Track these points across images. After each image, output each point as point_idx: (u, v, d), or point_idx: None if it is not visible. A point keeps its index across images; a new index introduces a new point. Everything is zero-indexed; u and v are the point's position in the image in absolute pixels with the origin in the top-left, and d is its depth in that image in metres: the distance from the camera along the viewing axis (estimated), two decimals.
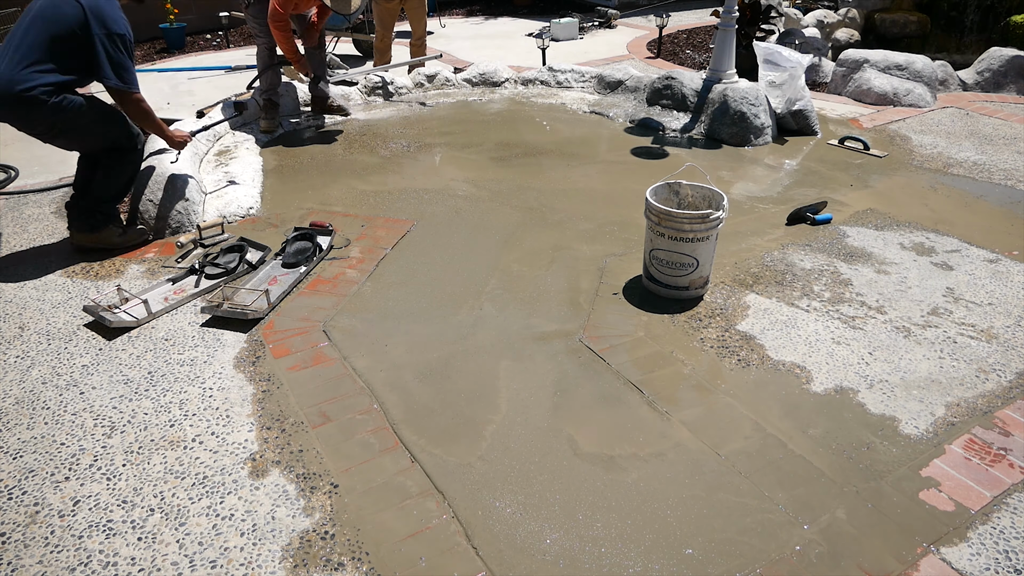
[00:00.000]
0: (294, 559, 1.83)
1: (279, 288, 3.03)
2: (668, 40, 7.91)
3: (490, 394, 2.42)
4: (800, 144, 4.74)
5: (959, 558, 1.81)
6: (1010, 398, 2.38)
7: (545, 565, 1.81)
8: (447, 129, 5.09)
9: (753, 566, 1.79)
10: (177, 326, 2.84)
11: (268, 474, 2.10)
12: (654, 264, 2.92)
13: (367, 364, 2.58)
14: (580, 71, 6.06)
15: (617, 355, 2.61)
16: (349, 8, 4.42)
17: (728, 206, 2.87)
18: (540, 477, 2.08)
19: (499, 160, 4.51)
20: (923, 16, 7.20)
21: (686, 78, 5.24)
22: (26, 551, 1.88)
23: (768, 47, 4.99)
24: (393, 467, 2.12)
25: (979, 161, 4.37)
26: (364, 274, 3.18)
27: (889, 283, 3.06)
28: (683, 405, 2.36)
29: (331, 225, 3.49)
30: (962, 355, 2.59)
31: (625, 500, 2.00)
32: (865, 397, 2.39)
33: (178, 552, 1.86)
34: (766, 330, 2.75)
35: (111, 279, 3.19)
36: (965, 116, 5.22)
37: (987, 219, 3.62)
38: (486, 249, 3.39)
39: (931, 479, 2.06)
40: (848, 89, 5.74)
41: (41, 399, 2.44)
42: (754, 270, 3.18)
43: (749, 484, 2.04)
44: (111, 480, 2.10)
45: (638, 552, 1.84)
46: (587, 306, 2.92)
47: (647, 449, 2.18)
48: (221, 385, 2.49)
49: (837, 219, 3.63)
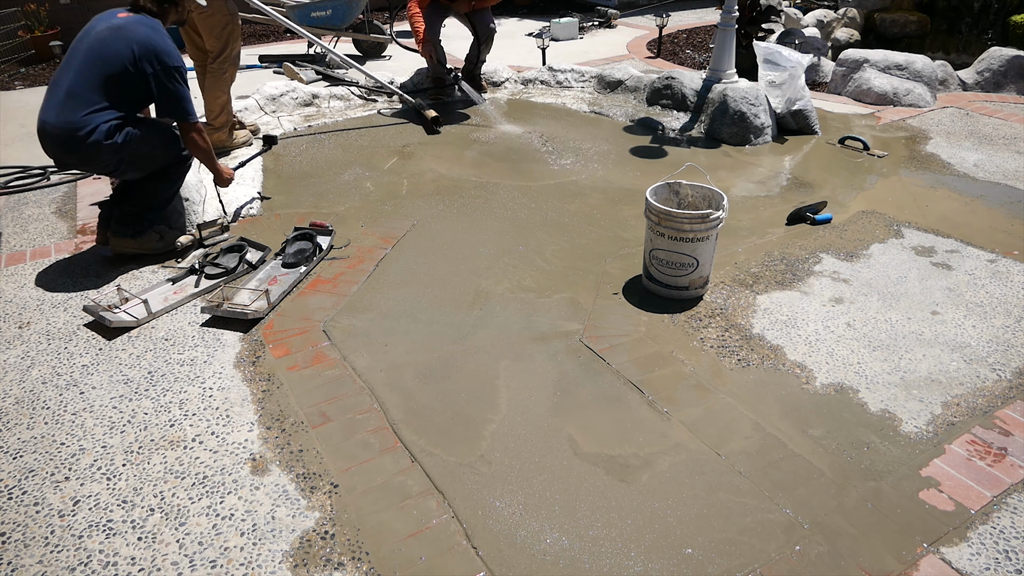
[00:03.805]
0: (294, 559, 1.83)
1: (279, 288, 3.03)
2: (668, 40, 7.91)
3: (490, 394, 2.42)
4: (800, 144, 4.74)
5: (959, 558, 1.81)
6: (1010, 398, 2.38)
7: (545, 565, 1.81)
8: (447, 129, 5.09)
9: (753, 566, 1.79)
10: (177, 326, 2.84)
11: (268, 474, 2.10)
12: (654, 264, 2.92)
13: (367, 364, 2.58)
14: (580, 71, 6.06)
15: (617, 355, 2.61)
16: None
17: (728, 206, 2.87)
18: (540, 477, 2.08)
19: (499, 160, 4.51)
20: (923, 16, 7.19)
21: (686, 78, 5.24)
22: (26, 551, 1.88)
23: (768, 47, 4.99)
24: (393, 467, 2.12)
25: (979, 161, 4.37)
26: (364, 274, 3.18)
27: (889, 283, 3.06)
28: (683, 405, 2.36)
29: (331, 225, 3.49)
30: (962, 355, 2.59)
31: (625, 500, 2.00)
32: (865, 397, 2.39)
33: (178, 552, 1.86)
34: (766, 330, 2.75)
35: (111, 279, 3.19)
36: (965, 116, 5.22)
37: (987, 219, 3.62)
38: (485, 249, 3.39)
39: (931, 479, 2.06)
40: (848, 89, 5.74)
41: (41, 399, 2.44)
42: (754, 270, 3.18)
43: (749, 484, 2.04)
44: (111, 480, 2.10)
45: (638, 552, 1.84)
46: (587, 306, 2.92)
47: (647, 449, 2.18)
48: (221, 385, 2.49)
49: (837, 219, 3.63)
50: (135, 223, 3.26)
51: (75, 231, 3.64)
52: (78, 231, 3.64)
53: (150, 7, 3.11)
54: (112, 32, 2.98)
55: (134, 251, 3.29)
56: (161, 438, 2.26)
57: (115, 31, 2.98)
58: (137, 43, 2.95)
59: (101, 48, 2.95)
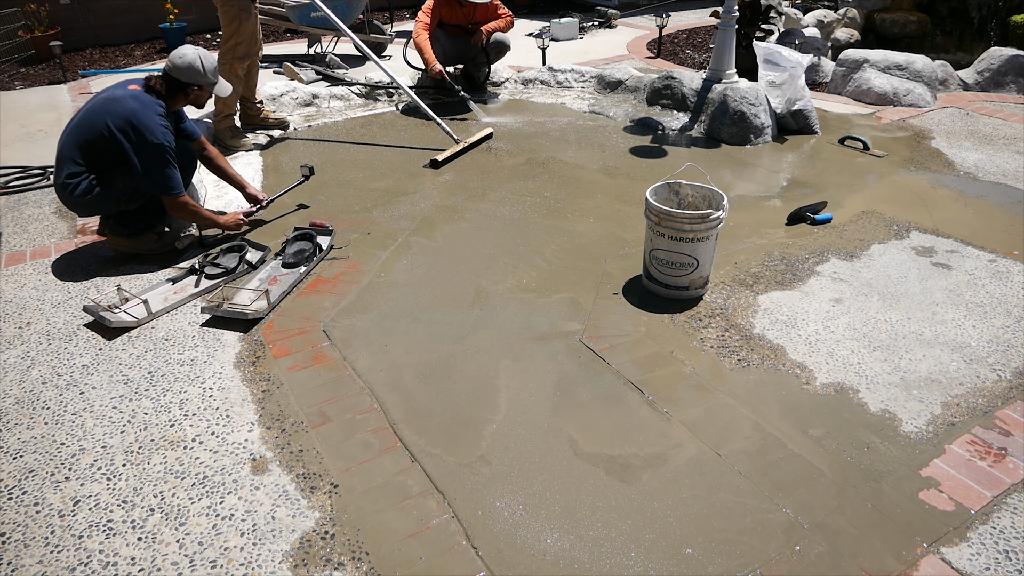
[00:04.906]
0: (294, 559, 1.83)
1: (279, 288, 3.03)
2: (668, 40, 7.91)
3: (490, 394, 2.42)
4: (800, 144, 4.74)
5: (959, 558, 1.81)
6: (1010, 398, 2.38)
7: (545, 565, 1.81)
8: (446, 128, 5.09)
9: (753, 566, 1.79)
10: (177, 326, 2.84)
11: (268, 474, 2.10)
12: (654, 264, 2.92)
13: (367, 364, 2.58)
14: (580, 71, 6.06)
15: (617, 355, 2.61)
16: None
17: (728, 206, 2.87)
18: (540, 477, 2.08)
19: (499, 160, 4.51)
20: (923, 16, 7.19)
21: (686, 78, 5.24)
22: (26, 551, 1.88)
23: (768, 47, 4.99)
24: (393, 467, 2.12)
25: (979, 161, 4.37)
26: (364, 274, 3.18)
27: (889, 283, 3.06)
28: (683, 405, 2.36)
29: (331, 225, 3.49)
30: (962, 355, 2.59)
31: (625, 500, 2.00)
32: (865, 397, 2.39)
33: (178, 552, 1.86)
34: (766, 330, 2.75)
35: (111, 279, 3.19)
36: (965, 116, 5.22)
37: (987, 219, 3.62)
38: (485, 249, 3.39)
39: (931, 479, 2.06)
40: (848, 89, 5.74)
41: (41, 399, 2.44)
42: (754, 270, 3.18)
43: (749, 484, 2.04)
44: (111, 480, 2.10)
45: (638, 552, 1.84)
46: (587, 306, 2.92)
47: (647, 449, 2.18)
48: (221, 385, 2.49)
49: (837, 219, 3.63)
50: (133, 223, 3.29)
51: (75, 231, 3.64)
52: (78, 231, 3.64)
53: (159, 89, 3.19)
54: (104, 102, 3.11)
55: (128, 250, 3.32)
56: (161, 438, 2.26)
57: (107, 101, 3.11)
58: (118, 116, 3.05)
59: (89, 115, 3.11)
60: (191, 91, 3.27)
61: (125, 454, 2.19)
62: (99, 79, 6.64)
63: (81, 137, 3.10)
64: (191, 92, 3.27)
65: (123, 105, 3.07)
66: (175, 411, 2.37)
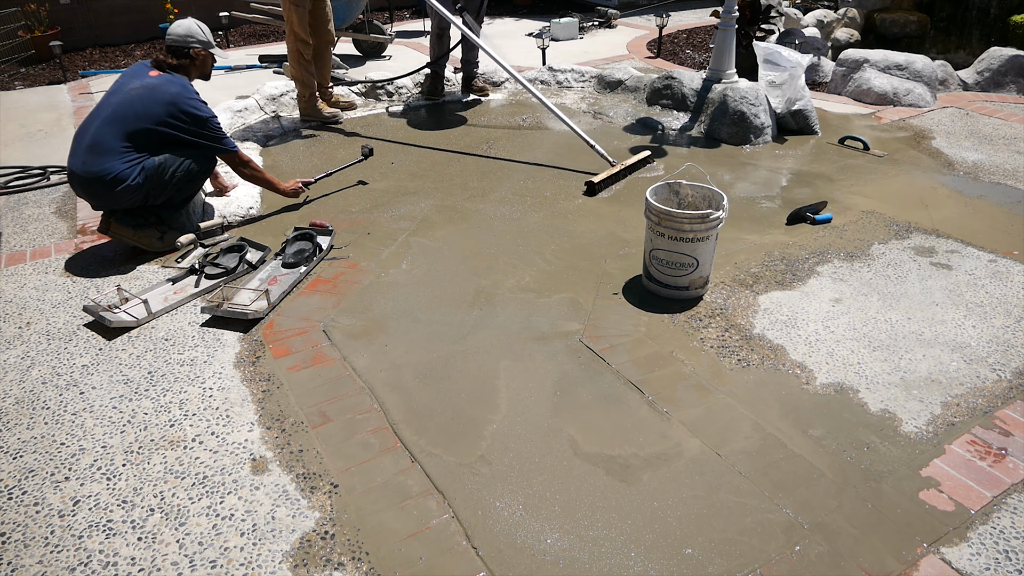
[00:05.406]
0: (294, 559, 1.83)
1: (279, 288, 3.03)
2: (668, 40, 7.91)
3: (490, 394, 2.43)
4: (800, 144, 4.74)
5: (959, 558, 1.81)
6: (1010, 398, 2.38)
7: (545, 565, 1.81)
8: (446, 129, 5.09)
9: (753, 566, 1.79)
10: (177, 326, 2.84)
11: (268, 474, 2.10)
12: (654, 264, 2.92)
13: (367, 364, 2.58)
14: (580, 71, 6.06)
15: (617, 355, 2.61)
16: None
17: (728, 206, 2.87)
18: (540, 477, 2.08)
19: (499, 160, 4.51)
20: (923, 16, 7.19)
21: (686, 78, 5.24)
22: (26, 551, 1.88)
23: (768, 47, 4.99)
24: (393, 467, 2.12)
25: (979, 161, 4.37)
26: (364, 274, 3.18)
27: (889, 283, 3.06)
28: (683, 405, 2.36)
29: (331, 225, 3.49)
30: (962, 355, 2.59)
31: (625, 500, 2.00)
32: (865, 397, 2.39)
33: (178, 552, 1.86)
34: (766, 330, 2.75)
35: (111, 279, 3.19)
36: (965, 116, 5.22)
37: (987, 219, 3.62)
38: (485, 249, 3.39)
39: (931, 479, 2.06)
40: (848, 89, 5.74)
41: (41, 399, 2.44)
42: (754, 270, 3.18)
43: (749, 484, 2.04)
44: (111, 480, 2.10)
45: (638, 552, 1.84)
46: (587, 306, 2.92)
47: (647, 449, 2.18)
48: (221, 385, 2.49)
49: (837, 219, 3.63)
50: (142, 216, 3.33)
51: (75, 231, 3.64)
52: (78, 231, 3.64)
53: (171, 63, 3.33)
54: (146, 91, 3.19)
55: (131, 242, 3.33)
56: (161, 438, 2.26)
57: (149, 90, 3.20)
58: (164, 104, 3.18)
59: (133, 104, 3.16)
60: (193, 52, 3.39)
61: (125, 454, 2.19)
62: (99, 79, 6.64)
63: (127, 127, 3.13)
64: (195, 55, 3.40)
65: (164, 91, 3.20)
66: (175, 411, 2.37)
